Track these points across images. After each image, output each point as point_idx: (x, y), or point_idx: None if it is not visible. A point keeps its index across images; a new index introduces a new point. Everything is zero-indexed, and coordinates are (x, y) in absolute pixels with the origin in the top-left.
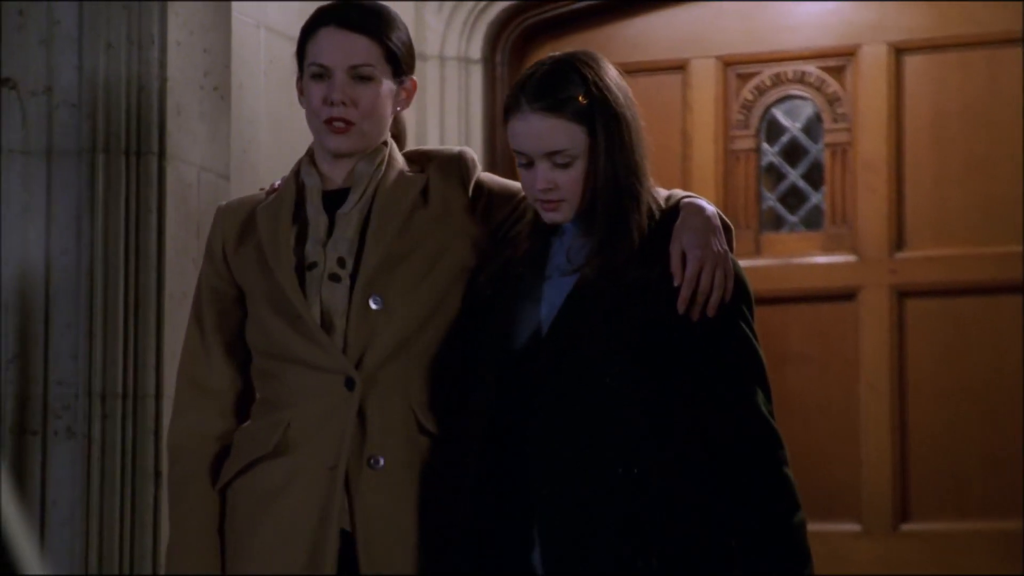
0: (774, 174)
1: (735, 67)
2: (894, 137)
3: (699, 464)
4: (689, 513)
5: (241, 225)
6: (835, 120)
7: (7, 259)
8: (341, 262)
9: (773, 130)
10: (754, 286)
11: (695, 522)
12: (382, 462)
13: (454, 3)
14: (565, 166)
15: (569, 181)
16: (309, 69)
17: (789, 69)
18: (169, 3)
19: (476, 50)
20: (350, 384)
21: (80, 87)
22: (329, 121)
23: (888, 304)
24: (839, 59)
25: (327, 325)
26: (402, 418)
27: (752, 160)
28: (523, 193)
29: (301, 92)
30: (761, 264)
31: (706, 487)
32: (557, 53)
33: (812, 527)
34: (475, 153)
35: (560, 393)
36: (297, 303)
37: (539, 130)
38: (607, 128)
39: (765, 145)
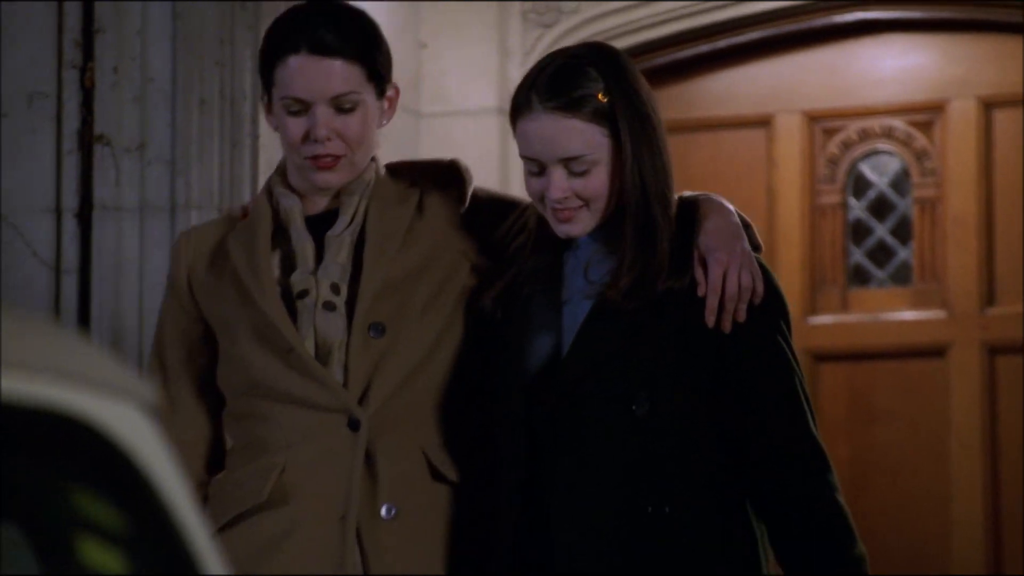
0: (861, 229)
1: (821, 122)
2: (984, 192)
3: (738, 498)
4: (727, 554)
5: (210, 254)
6: (923, 175)
7: (100, 315)
8: (335, 288)
9: (860, 185)
10: (842, 342)
11: (734, 563)
12: (395, 511)
13: (538, 57)
14: (583, 173)
15: (588, 189)
16: (282, 102)
17: (876, 124)
18: None
19: None
20: (354, 424)
21: (173, 143)
22: (314, 158)
23: (979, 361)
24: (927, 114)
25: (323, 358)
26: (414, 461)
27: (839, 215)
28: (523, 203)
29: (268, 111)
30: (849, 320)
31: (746, 524)
32: (571, 46)
33: None
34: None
35: (581, 426)
36: (288, 335)
37: (553, 132)
38: (633, 129)
39: (852, 200)
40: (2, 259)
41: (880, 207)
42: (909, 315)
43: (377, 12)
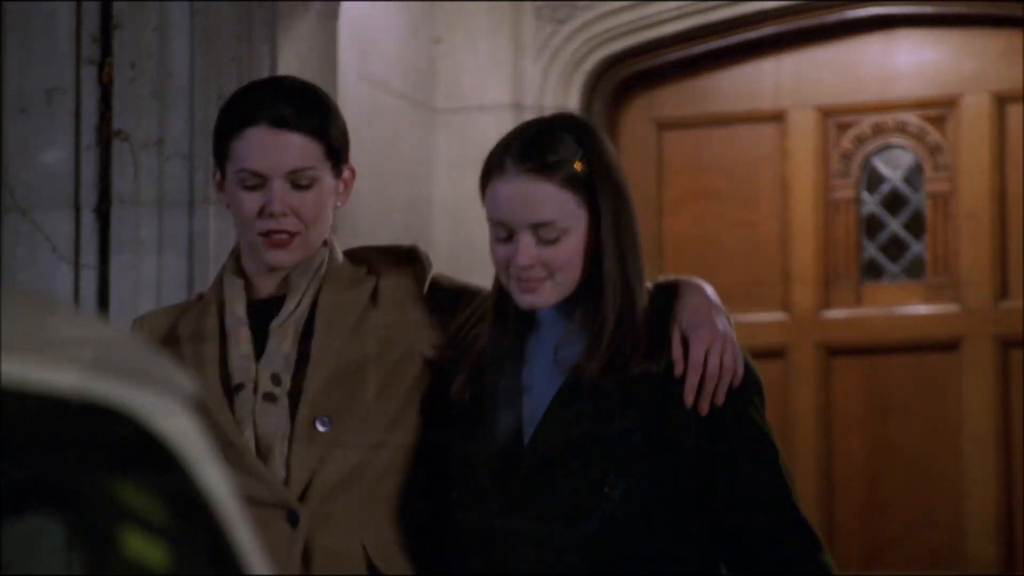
0: (875, 224)
1: (834, 117)
2: (997, 186)
3: None
4: None
5: (160, 343)
6: (936, 169)
7: (118, 309)
8: (276, 379)
9: (873, 180)
10: (855, 336)
11: None
12: None
13: (552, 53)
14: (553, 241)
15: (557, 259)
16: (238, 175)
17: (889, 119)
18: (279, 56)
19: (574, 100)
20: (293, 519)
21: (191, 138)
22: (267, 234)
23: (992, 354)
24: (940, 109)
25: (264, 452)
26: (353, 558)
27: (852, 210)
28: (483, 292)
29: (220, 188)
30: (862, 314)
31: None
32: (545, 115)
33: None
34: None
35: (546, 513)
36: (228, 428)
37: (526, 196)
38: (612, 200)
39: (865, 194)
40: (22, 254)
41: (893, 201)
42: (922, 309)
43: (390, 9)
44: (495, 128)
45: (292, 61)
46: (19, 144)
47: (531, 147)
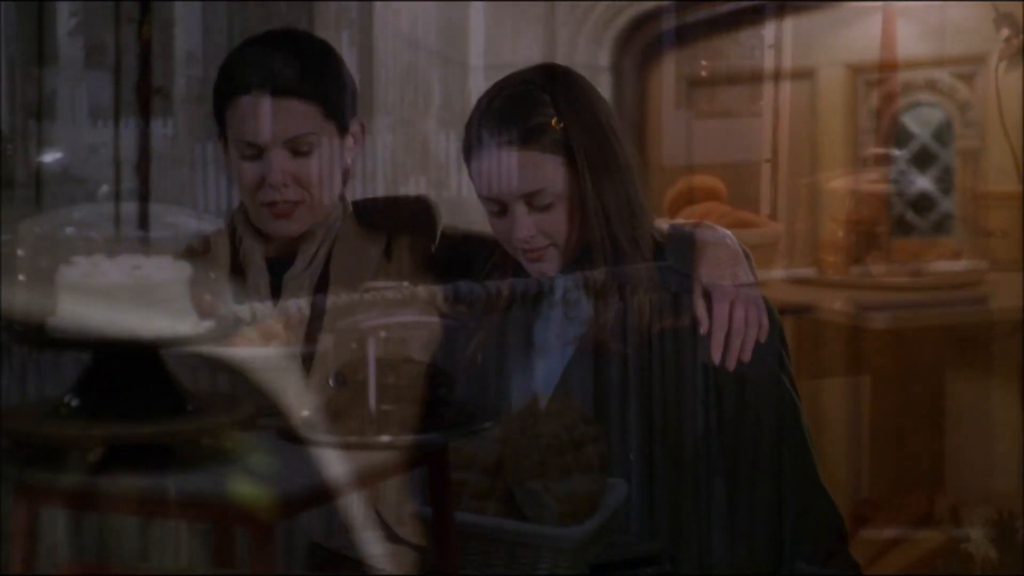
0: (904, 181)
1: (864, 74)
2: None
3: (735, 549)
4: None
5: None
6: (966, 126)
7: None
8: None
9: (902, 137)
10: (884, 292)
11: None
12: None
13: (583, 11)
14: (546, 208)
15: (554, 224)
16: (235, 145)
17: (919, 76)
18: (316, 14)
19: (604, 59)
20: None
21: None
22: (270, 204)
23: (1022, 309)
24: (969, 66)
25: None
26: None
27: (881, 166)
28: (489, 238)
29: (226, 151)
30: (891, 270)
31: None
32: (518, 71)
33: (945, 535)
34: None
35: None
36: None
37: (509, 168)
38: (590, 156)
39: (895, 151)
40: (61, 211)
41: (922, 158)
42: (952, 265)
43: None
44: None
45: (328, 19)
46: (58, 102)
47: (505, 116)
